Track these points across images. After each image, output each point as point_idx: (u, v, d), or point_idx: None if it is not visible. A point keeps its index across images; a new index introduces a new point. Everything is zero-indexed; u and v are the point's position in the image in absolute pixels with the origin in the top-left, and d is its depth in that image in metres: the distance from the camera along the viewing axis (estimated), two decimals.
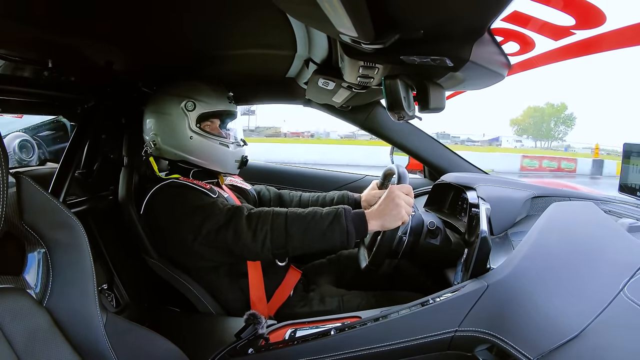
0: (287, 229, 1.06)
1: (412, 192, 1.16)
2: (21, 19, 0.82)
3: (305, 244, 1.08)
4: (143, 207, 1.24)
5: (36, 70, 1.12)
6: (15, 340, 0.56)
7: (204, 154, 1.31)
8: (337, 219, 1.06)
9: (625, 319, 0.70)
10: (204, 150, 1.30)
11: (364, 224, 1.07)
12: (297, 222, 1.07)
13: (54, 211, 0.67)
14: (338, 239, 1.06)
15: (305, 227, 1.06)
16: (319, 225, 1.06)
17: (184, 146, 1.29)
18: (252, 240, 1.06)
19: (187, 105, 1.27)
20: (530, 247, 0.97)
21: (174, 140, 1.29)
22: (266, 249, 1.07)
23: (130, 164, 1.41)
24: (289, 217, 1.07)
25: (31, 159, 1.58)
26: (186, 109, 1.27)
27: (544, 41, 0.90)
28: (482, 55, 0.73)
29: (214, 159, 1.32)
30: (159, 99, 1.31)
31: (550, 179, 10.79)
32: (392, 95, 0.95)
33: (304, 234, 1.06)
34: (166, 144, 1.30)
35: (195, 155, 1.31)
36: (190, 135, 1.28)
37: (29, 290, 0.64)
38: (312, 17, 0.67)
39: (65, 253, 0.67)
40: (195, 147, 1.30)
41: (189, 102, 1.27)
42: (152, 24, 0.94)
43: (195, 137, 1.29)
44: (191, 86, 1.30)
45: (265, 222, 1.07)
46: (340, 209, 1.08)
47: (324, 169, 2.18)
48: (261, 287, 1.25)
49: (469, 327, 0.91)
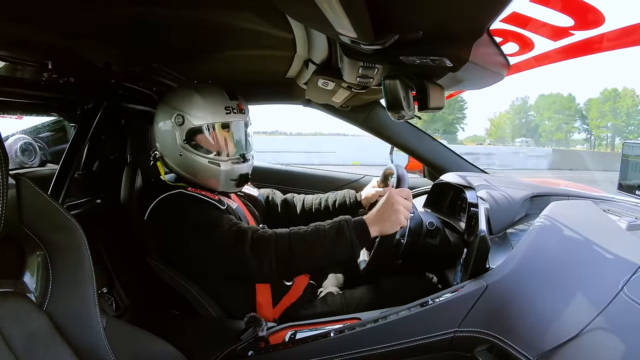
0: (291, 250, 1.03)
1: (411, 196, 1.16)
2: (21, 20, 0.82)
3: (311, 263, 1.07)
4: (148, 213, 1.19)
5: (36, 71, 1.12)
6: (15, 344, 0.56)
7: (195, 171, 1.23)
8: (340, 233, 1.03)
9: (625, 318, 0.70)
10: (194, 168, 1.22)
11: (366, 232, 1.05)
12: (301, 242, 1.04)
13: (54, 214, 0.67)
14: (344, 253, 1.04)
15: (309, 247, 1.04)
16: (323, 243, 1.03)
17: (177, 162, 1.24)
18: (259, 266, 1.03)
19: (176, 119, 1.18)
20: (529, 246, 0.97)
21: (168, 154, 1.24)
22: (273, 273, 1.05)
23: (133, 164, 1.39)
24: (292, 239, 1.04)
25: (33, 161, 1.57)
26: (175, 123, 1.19)
27: (543, 42, 0.90)
28: (481, 56, 0.73)
29: (205, 178, 1.24)
30: (157, 108, 1.25)
31: (550, 178, 10.78)
32: (392, 95, 0.95)
33: (309, 254, 1.04)
34: (165, 156, 1.26)
35: (187, 172, 1.24)
36: (180, 152, 1.21)
37: (28, 293, 0.64)
38: (312, 18, 0.67)
39: (65, 256, 0.67)
40: (186, 164, 1.22)
41: (178, 115, 1.18)
42: (151, 25, 0.94)
43: (184, 154, 1.20)
44: (183, 97, 1.20)
45: (269, 246, 1.04)
46: (342, 222, 1.05)
47: (324, 170, 2.19)
48: (268, 292, 1.24)
49: (469, 327, 0.91)
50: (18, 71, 1.16)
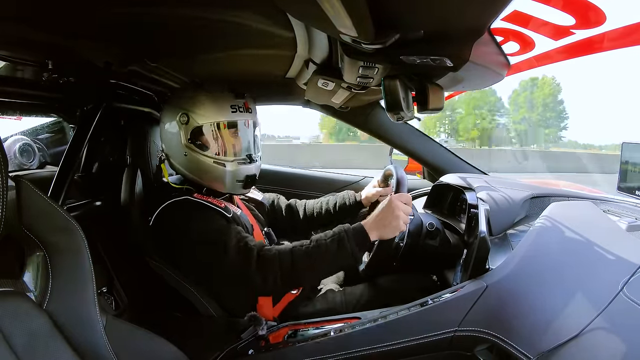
0: (294, 267, 1.04)
1: (411, 200, 1.17)
2: (21, 20, 0.82)
3: (314, 276, 1.12)
4: (154, 219, 1.17)
5: (36, 71, 1.12)
6: (15, 343, 0.56)
7: (200, 172, 1.21)
8: (341, 245, 1.05)
9: (625, 319, 0.70)
10: (198, 169, 1.20)
11: (366, 239, 1.06)
12: (304, 259, 1.05)
13: (53, 215, 0.67)
14: (346, 263, 1.07)
15: (312, 263, 1.05)
16: (325, 257, 1.05)
17: (182, 162, 1.22)
18: (263, 282, 1.04)
19: (181, 118, 1.17)
20: (529, 247, 0.97)
21: (173, 154, 1.23)
22: (278, 287, 1.08)
23: (133, 165, 1.39)
24: (295, 256, 1.05)
25: (32, 163, 1.57)
26: (180, 122, 1.17)
27: (544, 41, 0.90)
28: (481, 55, 0.74)
29: (211, 179, 1.22)
30: (163, 108, 1.25)
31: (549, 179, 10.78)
32: (392, 96, 0.95)
33: (312, 270, 1.07)
34: (170, 157, 1.25)
35: (192, 173, 1.22)
36: (185, 152, 1.19)
37: (28, 293, 0.63)
38: (313, 16, 0.67)
39: (65, 257, 0.67)
40: (191, 165, 1.21)
41: (183, 114, 1.17)
42: (151, 24, 0.94)
43: (188, 154, 1.19)
44: (189, 97, 1.19)
45: (273, 265, 1.05)
46: (342, 234, 1.06)
47: (324, 171, 2.20)
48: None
49: (469, 326, 0.91)
50: (18, 71, 1.16)
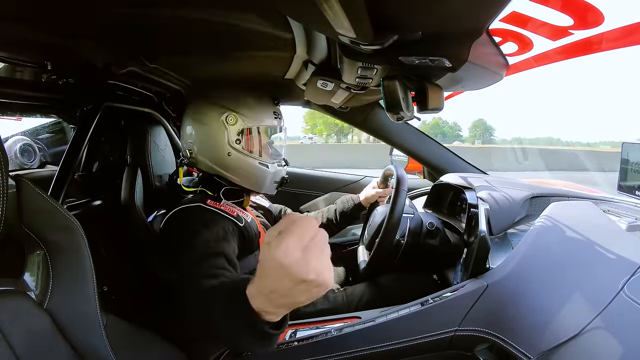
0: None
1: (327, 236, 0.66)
2: (20, 20, 0.82)
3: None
4: (164, 222, 1.14)
5: (35, 72, 1.12)
6: (15, 341, 0.56)
7: (242, 172, 1.22)
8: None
9: (625, 318, 0.70)
10: (242, 169, 1.21)
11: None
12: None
13: (54, 214, 0.67)
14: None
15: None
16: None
17: (221, 162, 1.21)
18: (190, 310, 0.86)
19: (229, 118, 1.17)
20: (529, 246, 0.97)
21: (211, 153, 1.21)
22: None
23: (133, 165, 1.39)
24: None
25: (32, 163, 1.57)
26: (227, 123, 1.18)
27: (543, 41, 0.90)
28: (480, 56, 0.74)
29: (252, 179, 1.23)
30: (200, 105, 1.22)
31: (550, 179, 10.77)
32: (391, 96, 0.95)
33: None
34: (202, 156, 1.22)
35: (232, 173, 1.22)
36: (229, 152, 1.19)
37: (29, 292, 0.64)
38: (311, 18, 0.67)
39: (65, 256, 0.67)
40: (233, 165, 1.21)
41: (230, 114, 1.17)
42: (151, 25, 0.94)
43: (233, 154, 1.19)
44: (234, 97, 1.21)
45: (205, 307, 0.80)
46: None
47: (325, 171, 2.21)
48: None
49: (469, 326, 0.91)
50: (17, 72, 1.16)
